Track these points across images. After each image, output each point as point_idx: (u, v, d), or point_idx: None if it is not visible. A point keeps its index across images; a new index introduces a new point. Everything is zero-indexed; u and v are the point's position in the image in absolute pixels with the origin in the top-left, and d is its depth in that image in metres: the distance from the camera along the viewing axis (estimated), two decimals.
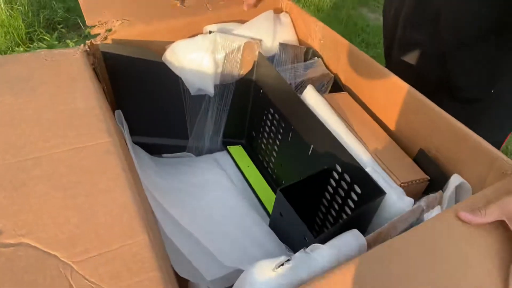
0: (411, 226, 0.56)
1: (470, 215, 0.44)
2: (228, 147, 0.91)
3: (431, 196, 0.58)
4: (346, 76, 0.79)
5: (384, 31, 0.95)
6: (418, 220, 0.56)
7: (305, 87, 0.81)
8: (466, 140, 0.56)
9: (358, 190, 0.61)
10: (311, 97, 0.72)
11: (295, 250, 0.59)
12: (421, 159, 0.63)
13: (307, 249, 0.45)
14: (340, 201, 0.65)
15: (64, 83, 0.63)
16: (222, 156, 0.91)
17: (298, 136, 0.73)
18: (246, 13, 0.89)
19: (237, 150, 0.92)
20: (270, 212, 0.76)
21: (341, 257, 0.45)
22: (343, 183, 0.63)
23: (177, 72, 0.82)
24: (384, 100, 0.70)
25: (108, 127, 0.57)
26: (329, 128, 0.66)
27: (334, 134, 0.64)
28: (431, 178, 0.61)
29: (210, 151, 0.92)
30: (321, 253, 0.44)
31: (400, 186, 0.59)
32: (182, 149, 0.90)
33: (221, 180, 0.80)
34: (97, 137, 0.54)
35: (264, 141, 0.86)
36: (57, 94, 0.61)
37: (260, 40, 0.83)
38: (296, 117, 0.73)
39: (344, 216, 0.65)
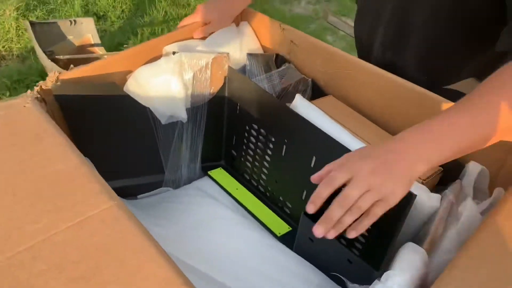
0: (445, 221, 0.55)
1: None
2: (209, 172, 0.84)
3: (454, 187, 0.57)
4: (326, 78, 0.76)
5: (358, 49, 0.90)
6: (452, 214, 0.55)
7: (286, 96, 0.77)
8: None
9: None
10: (302, 107, 0.68)
11: (336, 272, 0.55)
12: None
13: (382, 279, 0.41)
14: None
15: (27, 142, 0.52)
16: (204, 183, 0.83)
17: (294, 149, 0.69)
18: None
19: (219, 174, 0.85)
20: (276, 232, 0.71)
21: (414, 278, 0.42)
22: None
23: (143, 102, 0.73)
24: (377, 98, 0.69)
25: (104, 187, 0.47)
26: (332, 136, 0.62)
27: (339, 141, 0.61)
28: (444, 168, 0.61)
29: (189, 180, 0.84)
30: (397, 282, 0.41)
31: (422, 183, 0.58)
32: (158, 185, 0.81)
33: (217, 211, 0.73)
34: (97, 203, 0.45)
35: (250, 159, 0.80)
36: (25, 158, 0.50)
37: (227, 53, 0.77)
38: (289, 130, 0.68)
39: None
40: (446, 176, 0.61)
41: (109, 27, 2.41)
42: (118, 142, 0.74)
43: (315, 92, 0.78)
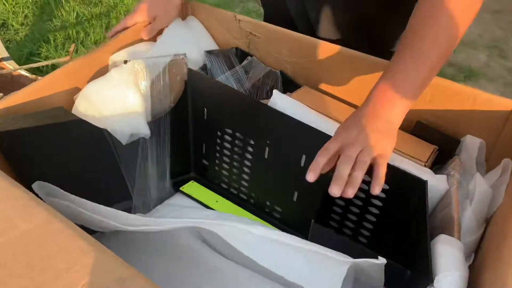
0: None
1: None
2: (181, 188, 0.76)
3: (455, 164, 0.56)
4: (295, 68, 0.71)
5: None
6: (463, 190, 0.53)
7: (257, 93, 0.71)
8: (474, 98, 0.54)
9: (385, 187, 0.55)
10: (282, 103, 0.62)
11: None
12: (421, 130, 0.61)
13: (435, 285, 0.37)
14: (360, 203, 0.59)
15: None
16: (177, 201, 0.75)
17: (279, 150, 0.64)
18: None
19: (193, 188, 0.77)
20: None
21: (464, 274, 0.39)
22: (361, 184, 0.57)
23: (98, 123, 0.62)
24: (353, 80, 0.65)
25: (92, 242, 0.38)
26: (321, 130, 0.58)
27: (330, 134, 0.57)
28: (438, 145, 0.60)
29: (160, 201, 0.75)
30: (450, 282, 0.37)
31: (425, 166, 0.56)
32: (127, 212, 0.71)
33: (209, 215, 0.65)
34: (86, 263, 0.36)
35: (226, 166, 0.73)
36: None
37: (184, 54, 0.68)
38: (271, 130, 0.63)
39: (371, 217, 0.59)
40: (440, 153, 0.60)
41: (13, 36, 2.14)
42: (75, 175, 0.63)
43: (285, 84, 0.73)
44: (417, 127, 0.61)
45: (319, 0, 0.72)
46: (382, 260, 0.41)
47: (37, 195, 0.47)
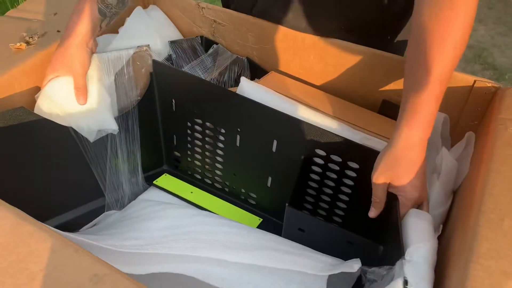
0: None
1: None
2: (154, 182, 0.75)
3: None
4: (261, 54, 0.71)
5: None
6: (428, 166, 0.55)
7: (224, 82, 0.70)
8: None
9: (355, 166, 0.56)
10: (250, 90, 0.62)
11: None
12: (388, 109, 0.62)
13: (406, 257, 0.39)
14: (333, 184, 0.60)
15: None
16: (152, 193, 0.74)
17: (250, 137, 0.64)
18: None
19: (166, 180, 0.76)
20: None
21: (434, 245, 0.41)
22: (332, 165, 0.58)
23: (63, 121, 0.60)
24: (319, 64, 0.66)
25: (64, 242, 0.37)
26: (291, 114, 0.58)
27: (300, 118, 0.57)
28: None
29: (134, 196, 0.74)
30: (422, 254, 0.39)
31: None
32: (101, 210, 0.70)
33: (185, 212, 0.64)
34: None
35: (198, 156, 0.73)
36: None
37: (148, 45, 0.67)
38: (241, 117, 0.63)
39: (344, 197, 0.60)
40: None
41: None
42: (43, 176, 0.61)
43: (252, 70, 0.73)
44: (383, 106, 0.62)
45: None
46: (357, 267, 0.43)
47: None
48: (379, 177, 0.48)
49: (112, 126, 0.65)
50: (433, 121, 0.46)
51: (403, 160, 0.46)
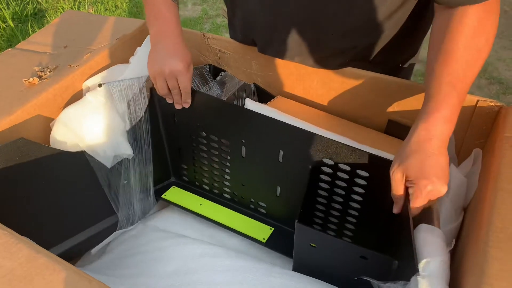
0: None
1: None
2: (163, 196, 0.75)
3: None
4: (267, 81, 0.72)
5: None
6: None
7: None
8: None
9: (365, 174, 0.56)
10: (256, 107, 0.63)
11: (348, 275, 0.52)
12: (394, 128, 0.63)
13: (421, 273, 0.39)
14: (343, 193, 0.59)
15: None
16: (161, 217, 0.74)
17: (255, 148, 0.64)
18: (117, 52, 0.73)
19: (175, 193, 0.76)
20: (260, 238, 0.66)
21: (446, 260, 0.41)
22: (340, 174, 0.58)
23: (77, 148, 0.62)
24: (323, 90, 0.67)
25: (78, 273, 0.38)
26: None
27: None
28: None
29: (143, 213, 0.75)
30: (434, 268, 0.39)
31: None
32: (113, 228, 0.71)
33: (192, 250, 0.65)
34: None
35: (205, 168, 0.73)
36: None
37: None
38: (247, 129, 0.63)
39: (356, 205, 0.59)
40: None
41: None
42: (55, 202, 0.63)
43: (259, 95, 0.74)
44: (389, 126, 0.63)
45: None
46: None
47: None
48: (395, 170, 0.48)
49: (127, 151, 0.67)
50: (456, 116, 0.47)
51: (418, 153, 0.46)
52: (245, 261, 0.59)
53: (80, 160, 0.62)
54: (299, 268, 0.58)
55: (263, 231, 0.69)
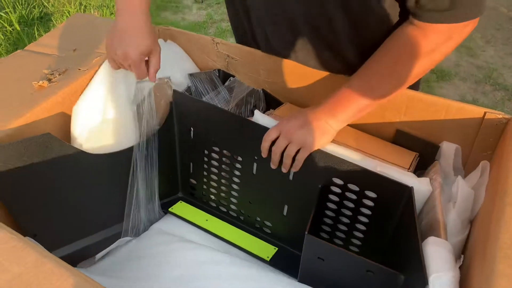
0: None
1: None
2: (170, 209, 0.76)
3: (436, 169, 0.58)
4: (275, 87, 0.72)
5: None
6: (443, 194, 0.55)
7: (241, 112, 0.72)
8: (447, 109, 0.57)
9: (373, 195, 0.56)
10: (265, 122, 0.63)
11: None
12: (401, 138, 0.63)
13: (431, 285, 0.39)
14: (350, 213, 0.60)
15: None
16: (168, 224, 0.74)
17: (267, 165, 0.64)
18: None
19: (182, 208, 0.77)
20: (264, 257, 0.67)
21: (456, 273, 0.41)
22: (349, 194, 0.58)
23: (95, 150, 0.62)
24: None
25: (85, 279, 0.38)
26: None
27: None
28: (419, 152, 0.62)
29: (149, 223, 0.75)
30: (445, 282, 0.39)
31: (408, 171, 0.57)
32: (117, 236, 0.71)
33: (197, 255, 0.65)
34: None
35: (214, 184, 0.73)
36: None
37: (169, 77, 0.69)
38: (258, 145, 0.62)
39: (361, 227, 0.60)
40: (421, 159, 0.62)
41: None
42: (64, 203, 0.63)
43: (268, 101, 0.74)
44: (397, 135, 0.63)
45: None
46: None
47: None
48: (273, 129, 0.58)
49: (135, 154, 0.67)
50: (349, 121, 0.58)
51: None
52: (249, 269, 0.59)
53: (99, 162, 0.63)
54: (305, 279, 0.58)
55: (267, 250, 0.69)
